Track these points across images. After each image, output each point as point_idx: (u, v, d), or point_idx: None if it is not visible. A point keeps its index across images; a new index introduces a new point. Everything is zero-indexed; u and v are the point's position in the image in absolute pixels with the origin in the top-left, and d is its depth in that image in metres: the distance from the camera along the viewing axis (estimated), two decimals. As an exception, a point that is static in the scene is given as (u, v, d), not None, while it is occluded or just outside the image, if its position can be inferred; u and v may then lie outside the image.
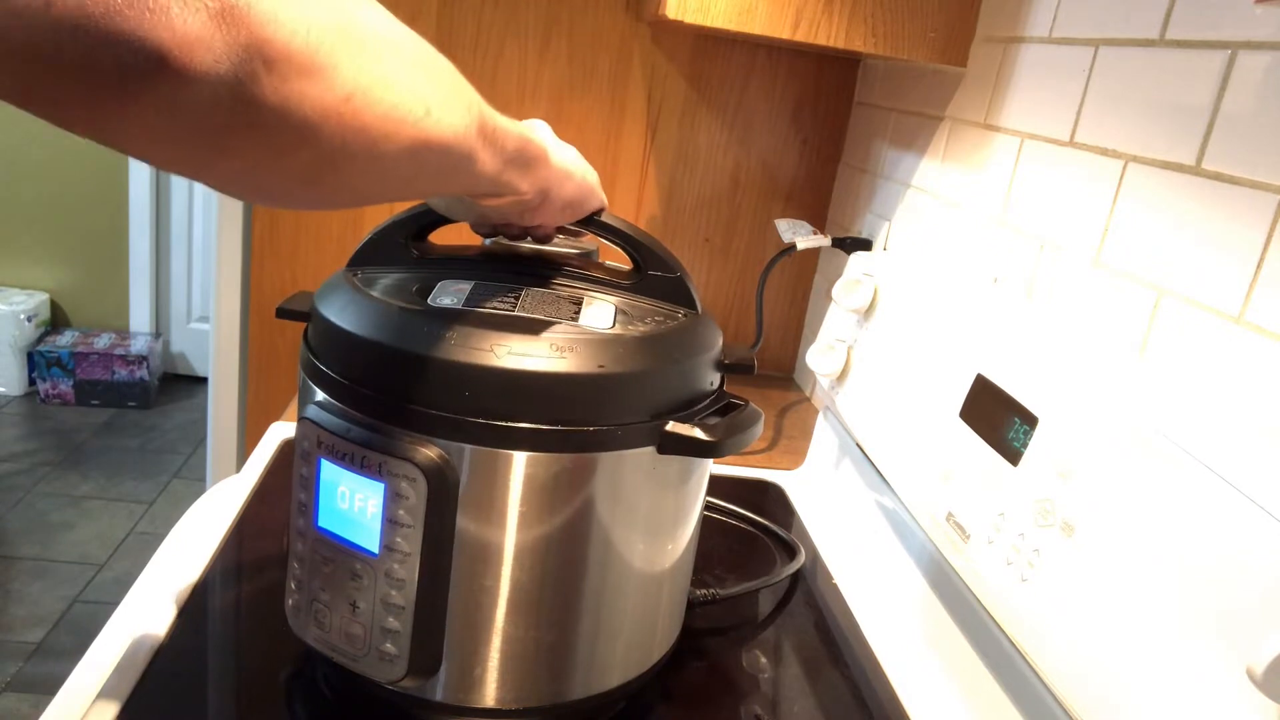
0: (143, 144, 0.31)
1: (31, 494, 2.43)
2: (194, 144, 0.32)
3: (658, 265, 0.59)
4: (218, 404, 1.33)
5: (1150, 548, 0.49)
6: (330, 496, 0.52)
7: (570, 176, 0.55)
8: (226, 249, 1.27)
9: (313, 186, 0.37)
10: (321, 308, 0.54)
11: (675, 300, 0.59)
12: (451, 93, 0.41)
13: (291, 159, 0.34)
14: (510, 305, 0.54)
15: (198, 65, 0.29)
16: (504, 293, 0.55)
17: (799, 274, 1.33)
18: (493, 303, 0.54)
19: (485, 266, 0.59)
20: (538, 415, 0.50)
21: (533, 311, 0.53)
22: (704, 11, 0.91)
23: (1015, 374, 0.64)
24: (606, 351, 0.51)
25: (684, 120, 1.25)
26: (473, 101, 0.43)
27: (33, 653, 1.87)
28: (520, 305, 0.54)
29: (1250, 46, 0.57)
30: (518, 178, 0.50)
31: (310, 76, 0.32)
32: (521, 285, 0.57)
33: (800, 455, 1.06)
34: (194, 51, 0.28)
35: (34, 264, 3.11)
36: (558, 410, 0.50)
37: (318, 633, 0.54)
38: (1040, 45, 0.81)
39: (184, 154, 0.33)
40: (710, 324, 0.59)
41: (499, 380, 0.49)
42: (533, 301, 0.55)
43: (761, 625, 0.74)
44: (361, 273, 0.58)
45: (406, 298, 0.54)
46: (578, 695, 0.56)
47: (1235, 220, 0.57)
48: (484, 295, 0.54)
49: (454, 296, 0.54)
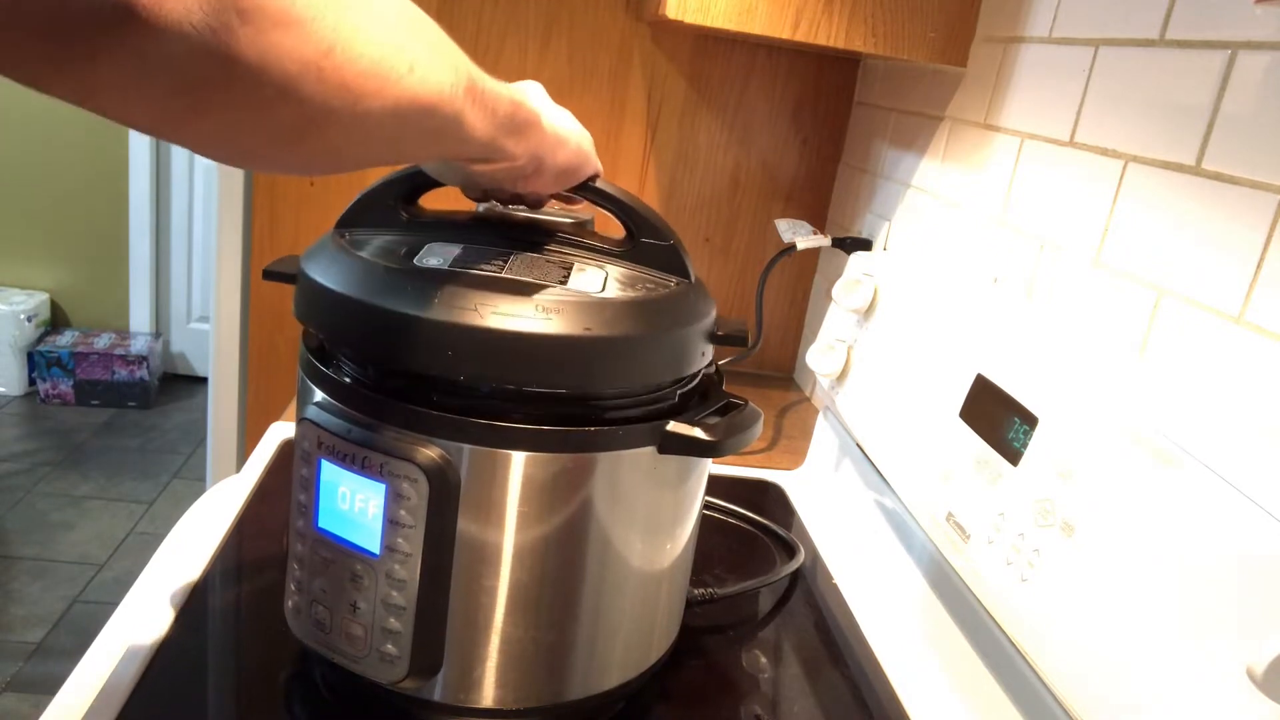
0: (117, 102, 0.31)
1: (31, 494, 2.43)
2: (170, 101, 0.31)
3: (650, 233, 0.58)
4: (218, 404, 1.33)
5: (1150, 547, 0.49)
6: (330, 497, 0.52)
7: (564, 143, 0.53)
8: (226, 249, 1.27)
9: (294, 147, 0.36)
10: (307, 267, 0.54)
11: (668, 269, 0.58)
12: (437, 51, 0.40)
13: (271, 116, 0.34)
14: (498, 268, 0.52)
15: (168, 16, 0.28)
16: (493, 256, 0.54)
17: (799, 274, 1.33)
18: (480, 265, 0.52)
19: (475, 231, 0.58)
20: (520, 377, 0.49)
21: (521, 274, 0.52)
22: (704, 11, 0.91)
23: (1015, 374, 0.64)
24: (594, 315, 0.50)
25: (684, 120, 1.25)
26: (460, 63, 0.42)
27: (33, 653, 1.87)
28: (508, 268, 0.53)
29: (1250, 46, 0.57)
30: (509, 143, 0.48)
31: (288, 28, 0.31)
32: (511, 250, 0.55)
33: (800, 455, 1.06)
34: (164, 1, 0.28)
35: (34, 264, 3.11)
36: (541, 374, 0.49)
37: (318, 634, 0.54)
38: (1040, 45, 0.81)
39: (160, 112, 0.32)
40: (703, 293, 0.58)
41: (482, 340, 0.48)
42: (521, 265, 0.53)
43: (761, 625, 0.74)
44: (350, 234, 0.57)
45: (393, 259, 0.53)
46: (577, 695, 0.56)
47: (1235, 220, 0.57)
48: (472, 258, 0.53)
49: (441, 258, 0.53)
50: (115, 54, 0.28)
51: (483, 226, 0.59)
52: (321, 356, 0.55)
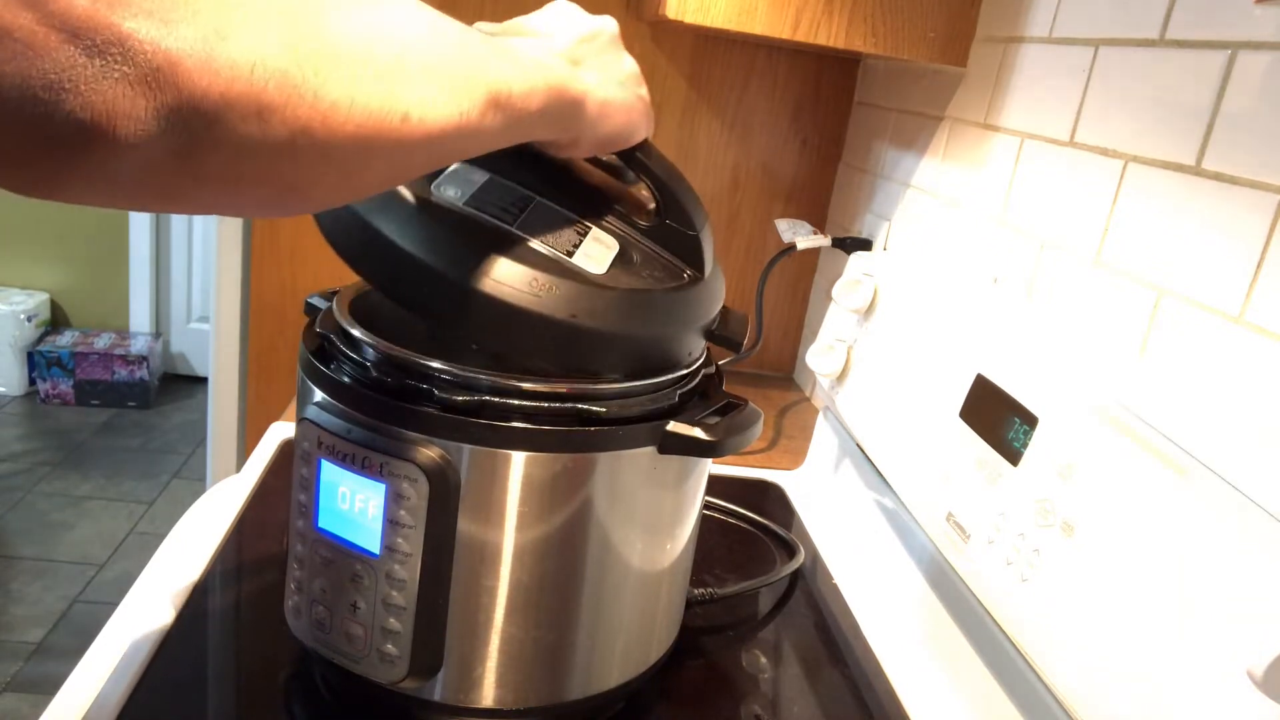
0: (92, 201, 0.30)
1: (31, 494, 2.43)
2: (146, 197, 0.31)
3: (678, 218, 0.56)
4: (218, 404, 1.33)
5: (1150, 548, 0.49)
6: (330, 497, 0.52)
7: (608, 117, 0.49)
8: (226, 249, 1.27)
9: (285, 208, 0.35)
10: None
11: (686, 257, 0.56)
12: (438, 80, 0.36)
13: (253, 193, 0.33)
14: (511, 218, 0.50)
15: (123, 138, 0.27)
16: (512, 200, 0.51)
17: (799, 274, 1.33)
18: (496, 210, 0.50)
19: (507, 161, 0.53)
20: (491, 343, 0.48)
21: (531, 232, 0.50)
22: (704, 11, 0.91)
23: (1015, 374, 0.64)
24: (584, 302, 0.48)
25: (684, 120, 1.25)
26: (476, 78, 0.38)
27: (33, 653, 1.87)
28: (522, 221, 0.50)
29: (1250, 46, 0.57)
30: (546, 131, 0.46)
31: (259, 119, 0.29)
32: (535, 195, 0.52)
33: (800, 455, 1.06)
34: (116, 125, 0.27)
35: (34, 264, 3.11)
36: (512, 344, 0.48)
37: (318, 634, 0.54)
38: (1040, 45, 0.81)
39: (140, 204, 0.31)
40: (709, 291, 0.56)
41: (462, 298, 0.47)
42: (537, 220, 0.51)
43: (761, 625, 0.74)
44: None
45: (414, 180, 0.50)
46: (577, 695, 0.56)
47: (1235, 220, 0.57)
48: (491, 197, 0.51)
49: (459, 190, 0.51)
50: (78, 170, 0.28)
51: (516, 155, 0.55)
52: (322, 356, 0.55)
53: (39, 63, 0.25)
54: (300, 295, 1.21)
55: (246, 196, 0.33)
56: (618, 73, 0.50)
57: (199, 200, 0.32)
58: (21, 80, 0.25)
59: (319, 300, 0.59)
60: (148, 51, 0.26)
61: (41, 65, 0.25)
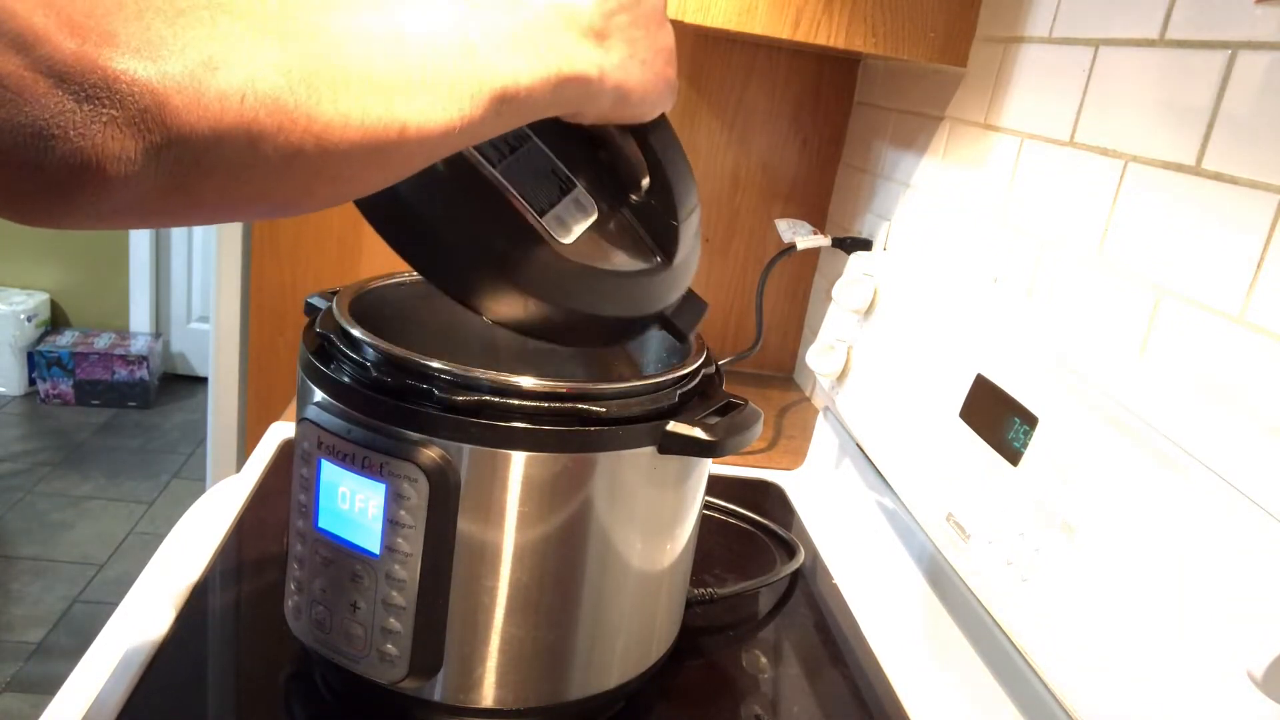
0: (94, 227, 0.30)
1: (31, 494, 2.43)
2: (145, 220, 0.31)
3: (664, 202, 0.54)
4: (218, 404, 1.33)
5: (1150, 548, 0.49)
6: (330, 497, 0.52)
7: (623, 99, 0.47)
8: (226, 249, 1.27)
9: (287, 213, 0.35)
10: None
11: (660, 239, 0.54)
12: (433, 88, 0.35)
13: (250, 209, 0.33)
14: (496, 158, 0.48)
15: (114, 177, 0.27)
16: (503, 137, 0.49)
17: (799, 274, 1.33)
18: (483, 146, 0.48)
19: None
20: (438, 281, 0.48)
21: (513, 177, 0.48)
22: (704, 11, 0.91)
23: (1015, 374, 0.64)
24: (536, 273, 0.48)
25: (684, 120, 1.25)
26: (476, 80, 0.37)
27: (33, 653, 1.87)
28: (506, 166, 0.49)
29: (1250, 46, 0.57)
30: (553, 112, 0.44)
31: (251, 146, 0.29)
32: (530, 134, 0.50)
33: (800, 455, 1.06)
34: (106, 166, 0.27)
35: (34, 264, 3.11)
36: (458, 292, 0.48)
37: (318, 634, 0.54)
38: (1040, 45, 0.81)
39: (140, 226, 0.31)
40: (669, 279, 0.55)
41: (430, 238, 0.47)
42: (520, 166, 0.49)
43: (761, 625, 0.74)
44: None
45: None
46: (577, 695, 0.56)
47: (1235, 220, 0.57)
48: None
49: None
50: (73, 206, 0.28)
51: None
52: (322, 356, 0.55)
53: (28, 110, 0.25)
54: (300, 295, 1.21)
55: (243, 212, 0.33)
56: (646, 50, 0.47)
57: (197, 218, 0.32)
58: (11, 127, 0.25)
59: (319, 300, 0.59)
60: (136, 93, 0.26)
61: (31, 112, 0.25)
